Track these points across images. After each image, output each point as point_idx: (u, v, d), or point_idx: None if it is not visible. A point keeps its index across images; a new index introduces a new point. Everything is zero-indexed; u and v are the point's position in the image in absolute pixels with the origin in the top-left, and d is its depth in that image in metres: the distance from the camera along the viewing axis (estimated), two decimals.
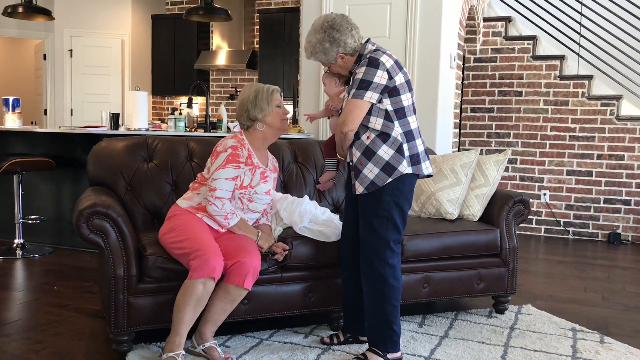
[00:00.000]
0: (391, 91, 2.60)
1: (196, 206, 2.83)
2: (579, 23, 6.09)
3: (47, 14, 6.08)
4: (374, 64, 2.57)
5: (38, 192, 5.13)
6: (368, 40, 2.75)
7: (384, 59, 2.59)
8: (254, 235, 2.82)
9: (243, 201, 2.85)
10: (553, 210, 6.15)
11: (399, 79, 2.61)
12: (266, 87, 2.89)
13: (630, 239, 5.89)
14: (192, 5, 8.70)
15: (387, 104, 2.60)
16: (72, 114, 8.40)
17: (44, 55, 8.44)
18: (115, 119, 5.03)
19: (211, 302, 2.63)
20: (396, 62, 2.64)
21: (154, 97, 9.26)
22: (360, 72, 2.59)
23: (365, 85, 2.56)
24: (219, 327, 2.71)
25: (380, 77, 2.56)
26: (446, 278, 3.30)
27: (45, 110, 8.47)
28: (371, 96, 2.57)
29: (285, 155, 3.58)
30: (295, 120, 6.56)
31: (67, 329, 3.08)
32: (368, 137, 2.63)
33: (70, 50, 8.33)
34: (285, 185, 3.51)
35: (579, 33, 6.08)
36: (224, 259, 2.62)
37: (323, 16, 2.75)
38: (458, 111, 5.69)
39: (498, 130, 6.34)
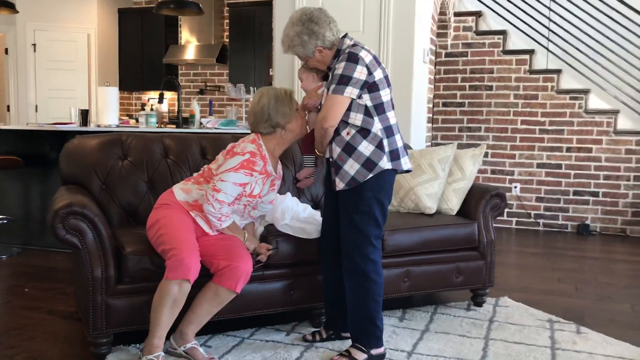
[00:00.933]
0: (370, 87, 2.59)
1: (192, 203, 2.72)
2: (548, 18, 6.18)
3: (10, 7, 5.89)
4: (354, 59, 2.55)
5: (5, 191, 4.98)
6: (346, 35, 2.73)
7: (363, 54, 2.58)
8: (241, 237, 2.77)
9: (247, 208, 2.77)
10: (524, 203, 6.25)
11: (378, 75, 2.61)
12: (283, 89, 2.78)
13: (598, 230, 6.02)
14: None
15: (366, 100, 2.59)
16: (37, 110, 8.17)
17: (6, 50, 8.18)
18: (84, 116, 4.92)
19: (198, 303, 2.58)
20: (374, 57, 2.63)
21: (121, 92, 9.06)
22: (339, 68, 2.57)
23: (345, 80, 2.54)
24: None
25: (360, 73, 2.55)
26: (426, 272, 3.31)
27: (8, 107, 8.22)
28: (351, 92, 2.55)
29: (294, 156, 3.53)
30: None
31: (42, 332, 3.00)
32: (348, 133, 2.61)
33: (34, 45, 8.10)
34: None
35: (547, 28, 6.18)
36: (211, 257, 2.57)
37: (301, 9, 2.72)
38: (431, 105, 5.73)
39: (469, 125, 6.40)
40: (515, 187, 6.26)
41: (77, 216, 2.59)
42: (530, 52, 6.14)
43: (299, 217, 3.02)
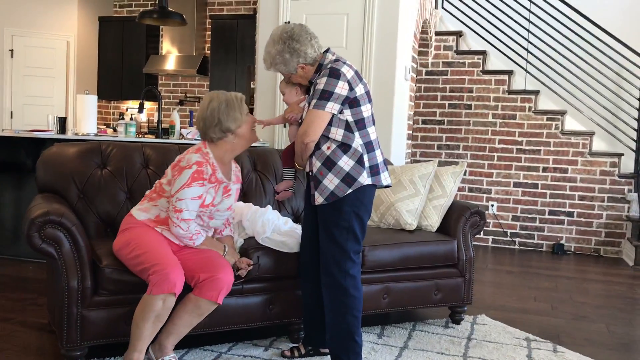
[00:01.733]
0: (352, 102, 2.60)
1: (154, 219, 2.68)
2: (527, 40, 6.30)
3: None
4: (335, 74, 2.56)
5: None
6: (328, 50, 2.73)
7: (344, 69, 2.58)
8: (220, 250, 2.73)
9: (203, 219, 2.72)
10: (500, 221, 6.31)
11: (360, 90, 2.62)
12: (234, 94, 2.70)
13: (572, 250, 6.10)
14: (144, 8, 8.53)
15: (347, 115, 2.60)
16: (12, 117, 8.03)
17: None
18: (62, 123, 4.84)
19: (177, 315, 2.54)
20: (356, 72, 2.64)
21: (100, 101, 8.96)
22: (321, 83, 2.57)
23: (326, 96, 2.55)
24: None
25: (342, 88, 2.55)
26: (405, 288, 3.31)
27: None
28: (332, 107, 2.56)
29: (245, 164, 3.52)
30: None
31: (13, 344, 2.92)
32: (329, 148, 2.61)
33: (11, 50, 7.98)
34: (245, 195, 3.45)
35: (526, 49, 6.29)
36: (191, 271, 2.54)
37: (281, 27, 2.71)
38: (411, 122, 5.77)
39: (448, 142, 6.46)
40: (492, 205, 6.32)
41: (54, 225, 2.53)
42: (509, 72, 6.24)
43: (280, 230, 3.00)
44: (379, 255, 3.19)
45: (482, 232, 6.37)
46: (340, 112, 2.59)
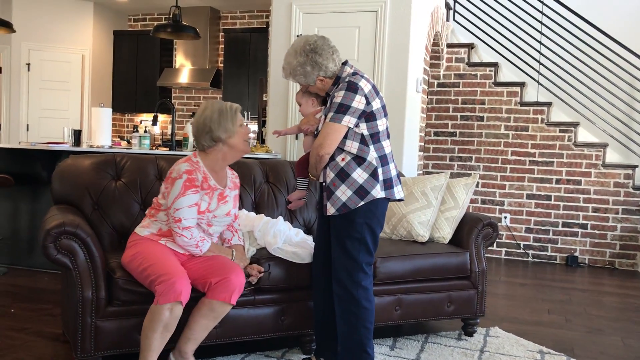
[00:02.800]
0: (368, 116, 2.61)
1: (157, 233, 2.71)
2: (539, 51, 6.30)
3: (7, 26, 5.91)
4: (353, 88, 2.57)
5: None
6: (346, 63, 2.75)
7: (362, 83, 2.60)
8: (228, 255, 2.76)
9: (202, 226, 2.74)
10: (513, 233, 6.27)
11: (376, 104, 2.63)
12: (228, 105, 2.73)
13: (587, 262, 6.05)
14: (158, 22, 8.65)
15: (363, 129, 2.62)
16: (28, 130, 8.14)
17: (0, 69, 8.19)
18: (77, 136, 4.91)
19: (193, 319, 2.56)
20: (373, 86, 2.66)
21: (114, 113, 9.07)
22: (339, 96, 2.59)
23: (343, 109, 2.56)
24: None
25: (359, 102, 2.57)
26: (417, 300, 3.30)
27: None
28: (349, 121, 2.57)
29: (257, 175, 3.55)
30: (262, 140, 6.53)
31: (27, 354, 2.95)
32: (343, 159, 2.62)
33: (28, 64, 8.11)
34: (257, 206, 3.47)
35: (538, 61, 6.29)
36: (203, 277, 2.56)
37: (304, 38, 2.73)
38: (423, 134, 5.78)
39: (460, 154, 6.45)
40: (505, 217, 6.29)
41: (69, 236, 2.57)
42: (521, 84, 6.24)
43: (291, 241, 3.01)
44: (391, 267, 3.19)
45: (495, 244, 6.34)
46: (356, 125, 2.60)
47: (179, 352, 2.61)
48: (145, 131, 5.99)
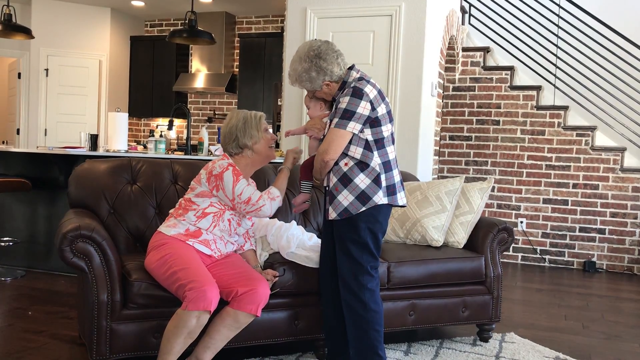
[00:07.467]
0: (373, 122, 2.60)
1: (184, 233, 2.71)
2: (555, 55, 6.25)
3: (26, 32, 5.99)
4: (358, 94, 2.56)
5: (12, 214, 5.00)
6: (352, 67, 2.74)
7: (367, 89, 2.59)
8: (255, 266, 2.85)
9: (232, 224, 2.78)
10: (530, 238, 6.22)
11: (381, 110, 2.62)
12: (253, 113, 2.85)
13: (604, 268, 5.97)
14: (174, 28, 8.71)
15: (367, 134, 2.61)
16: (46, 134, 8.25)
17: (19, 74, 8.31)
18: (94, 140, 4.96)
19: (215, 329, 2.57)
20: (379, 92, 2.64)
21: (130, 118, 9.15)
22: (344, 102, 2.58)
23: (348, 115, 2.56)
24: None
25: (364, 108, 2.56)
26: (432, 305, 3.29)
27: (18, 130, 8.31)
28: (354, 127, 2.57)
29: (271, 180, 3.55)
30: (276, 145, 6.55)
31: (44, 356, 2.98)
32: (346, 164, 2.62)
33: (46, 70, 8.22)
34: None
35: (555, 64, 6.24)
36: (228, 285, 2.58)
37: (308, 43, 2.72)
38: (438, 138, 5.76)
39: (476, 158, 6.41)
40: (522, 222, 6.24)
41: (85, 239, 2.59)
42: (538, 88, 6.19)
43: (305, 245, 3.01)
44: (405, 271, 3.18)
45: (511, 249, 6.29)
46: (361, 131, 2.60)
47: (196, 359, 2.61)
48: (161, 136, 6.03)
